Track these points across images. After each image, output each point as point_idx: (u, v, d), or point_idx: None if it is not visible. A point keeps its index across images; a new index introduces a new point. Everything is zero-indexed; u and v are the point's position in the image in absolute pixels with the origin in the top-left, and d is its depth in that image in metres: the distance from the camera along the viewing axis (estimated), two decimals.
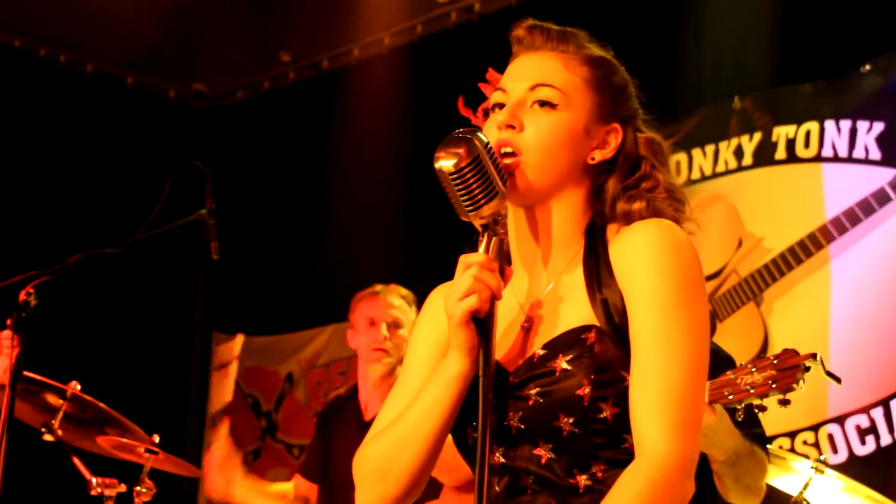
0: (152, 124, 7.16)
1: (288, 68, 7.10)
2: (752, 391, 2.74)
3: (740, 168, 5.06)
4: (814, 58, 4.91)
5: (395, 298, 4.25)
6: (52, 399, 3.69)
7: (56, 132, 6.72)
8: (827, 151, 4.80)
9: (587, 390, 1.74)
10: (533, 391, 1.78)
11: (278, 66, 7.10)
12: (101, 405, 3.74)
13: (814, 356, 2.75)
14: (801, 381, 2.72)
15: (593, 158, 1.90)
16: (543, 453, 1.78)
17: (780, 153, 4.94)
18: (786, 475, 3.41)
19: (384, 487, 1.84)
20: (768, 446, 3.43)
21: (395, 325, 4.20)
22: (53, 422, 3.65)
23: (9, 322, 3.19)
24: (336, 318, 6.57)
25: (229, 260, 4.71)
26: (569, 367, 1.76)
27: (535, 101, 1.87)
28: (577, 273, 1.86)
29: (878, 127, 4.66)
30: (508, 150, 1.84)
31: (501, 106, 1.89)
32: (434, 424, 1.80)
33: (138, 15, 6.46)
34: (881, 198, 4.59)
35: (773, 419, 4.66)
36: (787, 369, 2.74)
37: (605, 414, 1.75)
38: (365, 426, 4.03)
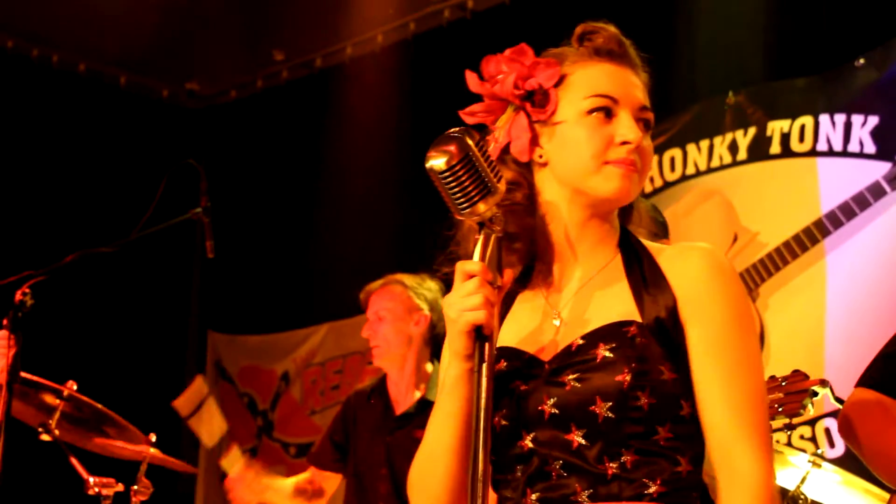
0: (146, 124, 7.16)
1: (281, 67, 7.09)
2: None
3: (735, 163, 5.06)
4: (808, 52, 4.91)
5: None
6: (49, 399, 3.69)
7: (50, 132, 6.71)
8: (822, 146, 4.80)
9: (627, 377, 1.77)
10: (571, 377, 1.80)
11: (271, 65, 7.10)
12: (98, 405, 3.74)
13: (823, 382, 2.73)
14: (808, 407, 2.70)
15: None
16: (575, 439, 1.80)
17: (775, 148, 4.94)
18: (783, 469, 3.41)
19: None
20: None
21: (376, 319, 4.19)
22: (50, 421, 3.65)
23: (5, 322, 3.19)
24: (331, 316, 6.58)
25: (224, 259, 4.72)
26: (610, 355, 1.79)
27: (642, 120, 1.93)
28: (617, 272, 1.91)
29: (873, 121, 4.66)
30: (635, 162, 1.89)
31: (608, 111, 1.90)
32: (452, 433, 1.84)
33: (131, 14, 6.45)
34: (876, 191, 4.59)
35: None
36: (795, 394, 2.72)
37: (641, 402, 1.78)
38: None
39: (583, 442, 1.79)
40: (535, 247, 1.94)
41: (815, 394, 2.72)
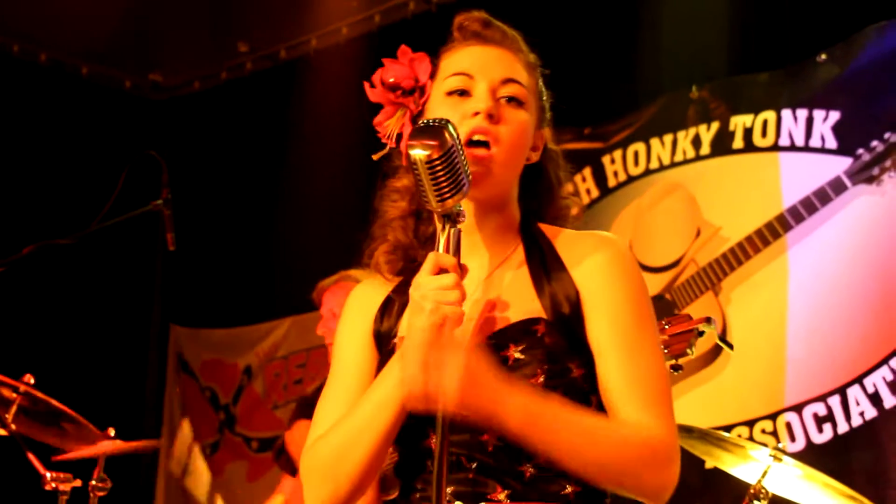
0: (108, 115, 7.09)
1: (245, 58, 7.05)
2: None
3: (698, 157, 5.07)
4: (770, 47, 4.92)
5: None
6: (6, 393, 3.64)
7: (9, 122, 6.64)
8: (784, 140, 4.82)
9: (541, 379, 1.77)
10: None
11: (236, 57, 7.06)
12: (54, 402, 3.69)
13: (707, 320, 2.71)
14: (693, 347, 2.68)
15: (528, 159, 1.95)
16: (491, 440, 1.78)
17: (738, 142, 4.95)
18: (744, 463, 3.42)
19: (335, 485, 1.84)
20: (727, 434, 3.45)
21: (331, 317, 4.15)
22: (6, 416, 3.60)
23: None
24: (295, 310, 6.54)
25: (187, 252, 4.68)
26: (522, 357, 1.79)
27: (506, 96, 1.90)
28: (518, 264, 1.90)
29: (835, 116, 4.68)
30: (483, 139, 1.85)
31: (463, 92, 1.90)
32: (386, 420, 1.79)
33: (94, 4, 6.39)
34: (837, 186, 4.61)
35: (731, 408, 4.69)
36: (680, 334, 2.70)
37: None
38: None
39: (498, 444, 1.78)
40: (428, 242, 1.93)
41: (701, 333, 2.71)
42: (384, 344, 1.93)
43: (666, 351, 2.68)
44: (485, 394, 1.68)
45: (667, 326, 2.70)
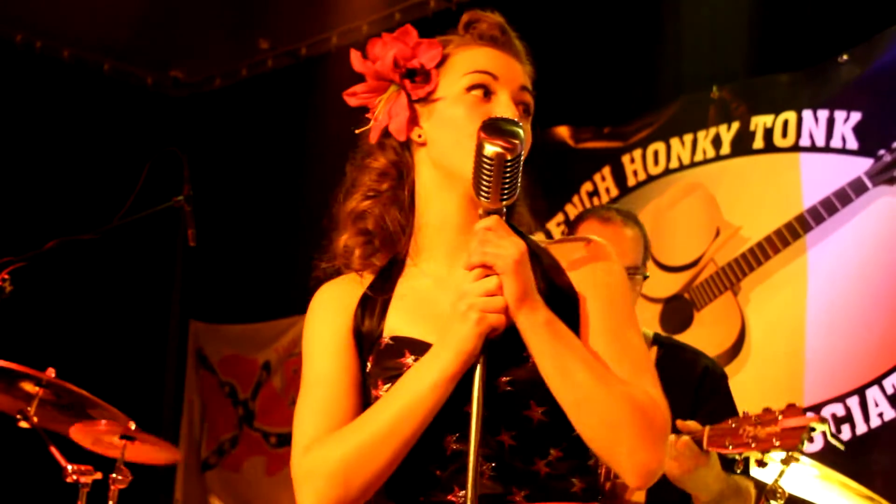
0: (129, 111, 7.12)
1: (266, 55, 7.07)
2: (753, 445, 2.73)
3: (718, 157, 5.07)
4: (791, 47, 4.92)
5: None
6: (28, 386, 3.67)
7: (32, 118, 6.68)
8: (804, 141, 4.81)
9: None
10: (503, 379, 1.76)
11: (256, 54, 7.08)
12: (78, 390, 3.72)
13: (822, 419, 2.73)
14: (805, 443, 2.70)
15: None
16: (507, 440, 1.77)
17: (758, 143, 4.95)
18: None
19: (346, 491, 1.76)
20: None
21: None
22: (29, 409, 3.63)
23: None
24: None
25: (207, 247, 4.70)
26: (525, 355, 1.77)
27: (524, 103, 1.90)
28: None
29: (856, 116, 4.67)
30: None
31: (486, 90, 1.89)
32: (414, 425, 1.74)
33: (116, 1, 6.42)
34: (858, 187, 4.60)
35: (748, 407, 4.67)
36: (793, 430, 2.72)
37: None
38: None
39: (513, 444, 1.76)
40: (409, 236, 1.93)
41: (813, 429, 2.73)
42: (368, 344, 1.89)
43: (777, 444, 2.69)
44: (529, 289, 1.73)
45: (780, 417, 2.72)
